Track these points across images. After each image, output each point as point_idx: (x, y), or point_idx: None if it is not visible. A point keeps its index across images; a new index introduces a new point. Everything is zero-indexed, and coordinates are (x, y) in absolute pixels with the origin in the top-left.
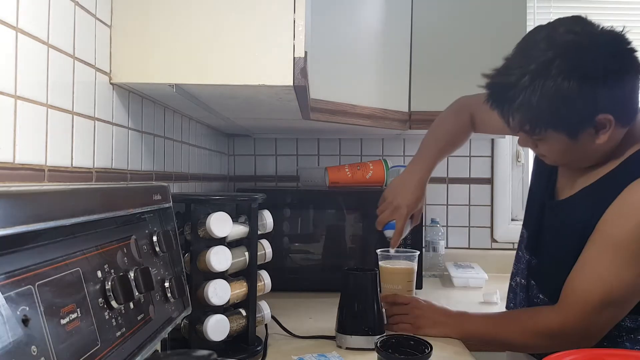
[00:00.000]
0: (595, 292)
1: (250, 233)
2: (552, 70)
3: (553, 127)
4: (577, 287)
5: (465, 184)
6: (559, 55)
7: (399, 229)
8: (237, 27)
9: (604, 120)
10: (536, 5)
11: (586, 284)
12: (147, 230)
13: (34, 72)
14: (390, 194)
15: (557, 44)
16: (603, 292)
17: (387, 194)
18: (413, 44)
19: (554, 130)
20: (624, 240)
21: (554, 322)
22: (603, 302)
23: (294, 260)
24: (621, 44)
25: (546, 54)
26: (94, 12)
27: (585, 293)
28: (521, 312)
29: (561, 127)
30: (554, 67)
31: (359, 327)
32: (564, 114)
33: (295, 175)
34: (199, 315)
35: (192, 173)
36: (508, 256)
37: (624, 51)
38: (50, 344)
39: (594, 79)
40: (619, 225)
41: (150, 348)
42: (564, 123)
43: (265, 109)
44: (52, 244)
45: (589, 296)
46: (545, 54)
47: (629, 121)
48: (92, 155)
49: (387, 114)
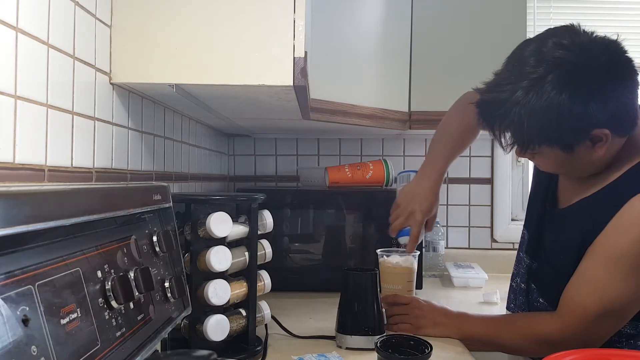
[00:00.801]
0: (594, 303)
1: (250, 233)
2: (542, 86)
3: (546, 143)
4: (576, 297)
5: (465, 184)
6: (549, 71)
7: (414, 234)
8: (237, 27)
9: (600, 134)
10: (536, 6)
11: (584, 295)
12: (147, 230)
13: (34, 72)
14: (403, 201)
15: (547, 59)
16: (601, 303)
17: (401, 201)
18: (413, 44)
19: (548, 146)
20: (624, 254)
21: (553, 330)
22: (601, 313)
23: (294, 260)
24: (614, 54)
25: (536, 71)
26: (94, 12)
27: (584, 303)
28: (521, 317)
29: (555, 143)
30: (545, 83)
31: (359, 327)
32: (557, 130)
33: (295, 175)
34: (199, 315)
35: (192, 173)
36: (508, 256)
37: (617, 61)
38: (50, 344)
39: (586, 94)
40: (618, 238)
41: (150, 348)
42: (557, 139)
43: (265, 109)
44: (52, 244)
45: (587, 307)
46: (535, 70)
47: (626, 132)
48: (92, 155)
49: (387, 114)
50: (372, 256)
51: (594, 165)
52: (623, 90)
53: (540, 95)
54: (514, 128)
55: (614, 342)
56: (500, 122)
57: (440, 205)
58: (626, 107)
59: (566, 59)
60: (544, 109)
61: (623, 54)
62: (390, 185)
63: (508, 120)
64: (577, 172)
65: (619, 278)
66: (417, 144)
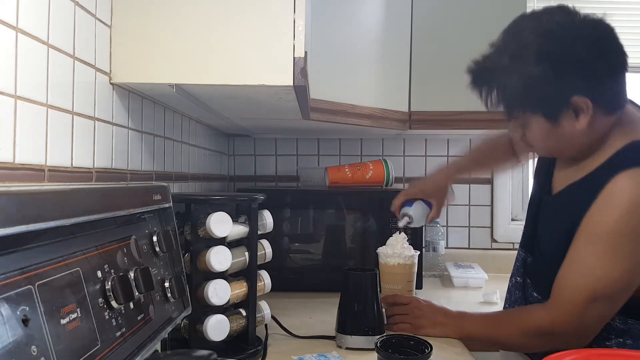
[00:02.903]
0: (583, 287)
1: (250, 233)
2: (528, 54)
3: (529, 108)
4: (565, 284)
5: (465, 183)
6: (537, 41)
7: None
8: (237, 27)
9: (580, 103)
10: (536, 6)
11: (573, 280)
12: (147, 230)
13: (34, 72)
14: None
15: (537, 31)
16: (590, 287)
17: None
18: (413, 44)
19: (532, 113)
20: (608, 232)
21: (544, 320)
22: (591, 297)
23: (294, 260)
24: (601, 31)
25: (525, 40)
26: (94, 12)
27: (573, 289)
28: (514, 311)
29: (537, 109)
30: (531, 51)
31: (359, 327)
32: (538, 95)
33: (295, 175)
34: (199, 315)
35: (192, 173)
36: (508, 256)
37: (604, 37)
38: (50, 344)
39: (568, 62)
40: (602, 218)
41: (150, 348)
42: (538, 104)
43: (265, 109)
44: (52, 244)
45: (576, 292)
46: (525, 38)
47: (609, 108)
48: (92, 155)
49: (387, 114)
50: (372, 256)
51: (579, 140)
52: (607, 64)
53: (525, 61)
54: (500, 91)
55: (604, 339)
56: (487, 86)
57: None
58: (610, 81)
59: (554, 30)
60: (527, 74)
61: (610, 31)
62: (390, 185)
63: (494, 83)
64: (566, 150)
65: (606, 257)
66: (417, 144)
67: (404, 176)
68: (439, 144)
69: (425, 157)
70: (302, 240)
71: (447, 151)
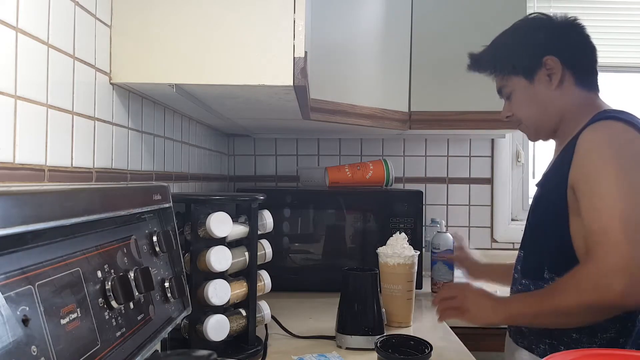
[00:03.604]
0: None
1: (250, 233)
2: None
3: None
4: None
5: (465, 184)
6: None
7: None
8: (237, 27)
9: (551, 63)
10: (536, 6)
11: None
12: (147, 230)
13: (34, 72)
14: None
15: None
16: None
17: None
18: (413, 44)
19: (514, 75)
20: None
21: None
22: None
23: (294, 260)
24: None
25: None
26: (94, 12)
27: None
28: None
29: (518, 69)
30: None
31: (359, 327)
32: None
33: (295, 175)
34: (199, 315)
35: (192, 173)
36: (508, 256)
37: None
38: (50, 344)
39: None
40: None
41: (150, 348)
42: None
43: (265, 109)
44: (52, 244)
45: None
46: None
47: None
48: (92, 155)
49: (387, 114)
50: (372, 256)
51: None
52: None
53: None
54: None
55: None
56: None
57: (441, 205)
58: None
59: (537, 18)
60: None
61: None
62: (390, 185)
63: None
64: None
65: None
66: (417, 144)
67: (404, 176)
68: (439, 144)
69: (425, 157)
70: (302, 240)
71: (447, 151)
